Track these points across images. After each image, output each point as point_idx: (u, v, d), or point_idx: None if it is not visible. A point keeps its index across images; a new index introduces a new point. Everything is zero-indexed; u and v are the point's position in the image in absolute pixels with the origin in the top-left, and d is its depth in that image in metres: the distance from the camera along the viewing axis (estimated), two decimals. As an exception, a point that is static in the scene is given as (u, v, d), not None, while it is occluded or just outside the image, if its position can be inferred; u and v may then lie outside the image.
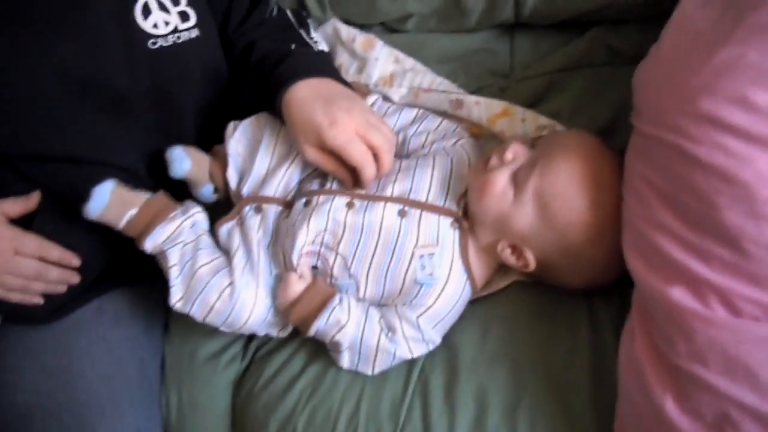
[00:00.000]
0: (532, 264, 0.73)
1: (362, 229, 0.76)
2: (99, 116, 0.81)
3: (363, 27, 0.98)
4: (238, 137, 0.85)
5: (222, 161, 0.86)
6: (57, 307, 0.87)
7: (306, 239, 0.76)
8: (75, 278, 0.84)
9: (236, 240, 0.81)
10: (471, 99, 0.85)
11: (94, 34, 0.78)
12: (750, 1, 0.56)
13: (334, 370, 0.80)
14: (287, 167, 0.83)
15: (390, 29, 0.97)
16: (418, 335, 0.75)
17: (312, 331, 0.76)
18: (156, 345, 0.94)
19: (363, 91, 0.92)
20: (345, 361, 0.77)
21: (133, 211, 0.79)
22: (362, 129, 0.75)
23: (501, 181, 0.72)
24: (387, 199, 0.77)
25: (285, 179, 0.83)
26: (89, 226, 0.82)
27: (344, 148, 0.74)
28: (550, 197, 0.70)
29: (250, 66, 0.87)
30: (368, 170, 0.76)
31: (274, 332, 0.83)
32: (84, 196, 0.78)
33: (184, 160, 0.83)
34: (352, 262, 0.76)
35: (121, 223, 0.79)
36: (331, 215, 0.76)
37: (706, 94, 0.55)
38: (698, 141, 0.55)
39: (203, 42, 0.86)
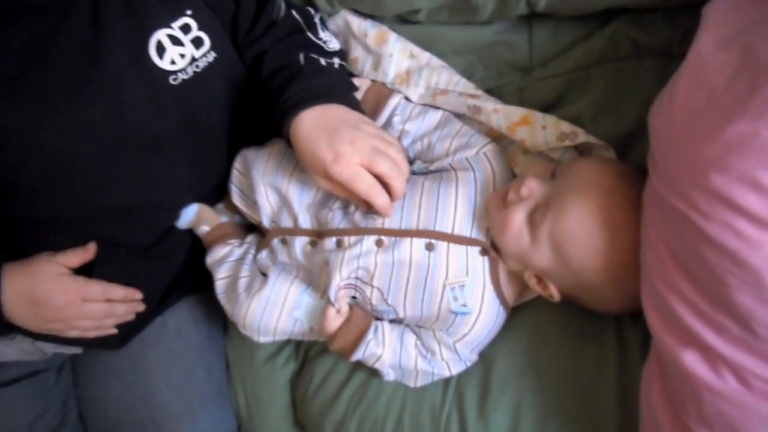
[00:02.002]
0: (556, 297, 0.74)
1: (393, 265, 0.77)
2: (141, 162, 0.83)
3: (375, 17, 0.93)
4: (235, 178, 0.92)
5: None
6: (128, 332, 0.95)
7: (341, 278, 0.78)
8: (141, 307, 0.92)
9: (268, 263, 0.87)
10: (489, 107, 0.81)
11: (116, 86, 0.77)
12: (767, 66, 0.51)
13: (377, 378, 0.86)
14: (292, 197, 0.85)
15: (402, 20, 0.92)
16: (456, 357, 0.79)
17: (352, 360, 0.81)
18: (219, 347, 1.03)
19: (385, 92, 0.90)
20: (390, 377, 0.83)
21: (206, 228, 0.93)
22: (367, 159, 0.74)
23: (517, 220, 0.71)
24: (414, 234, 0.77)
25: (296, 208, 0.85)
26: (145, 262, 0.91)
27: (350, 183, 0.74)
28: (563, 241, 0.69)
29: (261, 81, 0.86)
30: (377, 200, 0.75)
31: (314, 338, 0.89)
32: (140, 238, 0.90)
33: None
34: (387, 294, 0.78)
35: (199, 235, 0.94)
36: (362, 258, 0.77)
37: (718, 170, 0.52)
38: (709, 218, 0.53)
39: (221, 62, 0.84)
